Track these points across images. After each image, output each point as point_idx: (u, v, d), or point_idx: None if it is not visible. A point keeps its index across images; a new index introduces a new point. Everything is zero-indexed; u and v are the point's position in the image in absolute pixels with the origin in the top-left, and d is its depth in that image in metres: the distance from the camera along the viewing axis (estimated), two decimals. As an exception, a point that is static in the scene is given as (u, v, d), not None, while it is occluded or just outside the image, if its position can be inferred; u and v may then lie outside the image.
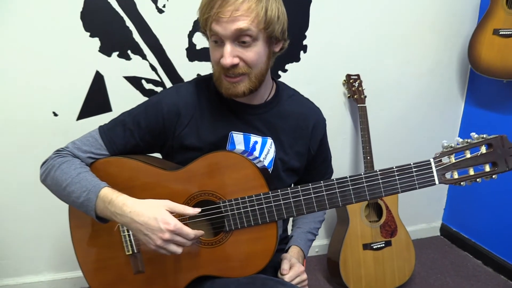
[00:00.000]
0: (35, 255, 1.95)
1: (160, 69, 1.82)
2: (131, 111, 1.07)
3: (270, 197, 0.95)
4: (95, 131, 1.06)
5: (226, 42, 0.91)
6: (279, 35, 0.97)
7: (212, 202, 0.98)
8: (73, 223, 1.07)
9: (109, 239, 1.03)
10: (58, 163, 1.00)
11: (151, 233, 0.88)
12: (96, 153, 1.03)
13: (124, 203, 0.91)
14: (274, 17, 0.92)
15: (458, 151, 0.90)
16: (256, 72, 0.97)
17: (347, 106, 2.15)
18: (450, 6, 2.12)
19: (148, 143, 1.05)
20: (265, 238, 0.98)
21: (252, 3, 0.88)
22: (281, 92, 1.12)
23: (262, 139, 1.07)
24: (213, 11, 0.89)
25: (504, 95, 2.08)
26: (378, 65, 2.11)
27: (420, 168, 0.90)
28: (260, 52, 0.94)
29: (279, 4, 0.95)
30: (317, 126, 1.14)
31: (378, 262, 1.95)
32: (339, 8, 1.96)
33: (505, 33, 1.86)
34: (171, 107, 1.03)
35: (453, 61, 2.24)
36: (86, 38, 1.69)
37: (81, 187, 0.95)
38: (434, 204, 2.54)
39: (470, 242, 2.35)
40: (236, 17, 0.88)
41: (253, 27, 0.90)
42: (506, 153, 0.89)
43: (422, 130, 2.31)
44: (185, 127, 1.03)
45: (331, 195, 0.94)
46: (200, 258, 1.00)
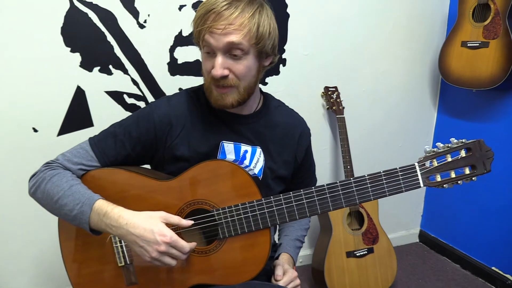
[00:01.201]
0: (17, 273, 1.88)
1: (142, 83, 1.83)
2: (122, 122, 1.07)
3: (263, 203, 0.97)
4: (85, 142, 1.05)
5: (217, 54, 0.94)
6: (269, 51, 1.00)
7: (205, 211, 0.99)
8: (63, 236, 1.05)
9: (101, 251, 1.02)
10: (49, 176, 0.98)
11: (147, 245, 0.88)
12: (87, 164, 1.02)
13: (120, 215, 0.91)
14: (265, 33, 0.96)
15: (440, 155, 0.95)
16: (245, 84, 0.99)
17: (326, 118, 2.21)
18: (420, 19, 2.22)
19: (139, 154, 1.06)
20: (259, 244, 1.00)
21: (245, 18, 0.92)
22: (269, 103, 1.15)
23: (252, 148, 1.09)
24: (207, 24, 0.92)
25: (474, 104, 2.18)
26: (354, 77, 2.18)
27: (406, 172, 0.95)
28: (249, 65, 0.98)
29: (271, 20, 0.99)
30: (303, 136, 1.18)
31: (362, 269, 1.98)
32: (316, 23, 2.02)
33: (472, 45, 1.97)
34: (162, 118, 1.04)
35: (425, 72, 2.34)
36: (67, 53, 1.68)
37: (74, 200, 0.94)
38: (412, 211, 2.61)
39: (448, 247, 2.42)
40: (229, 31, 0.91)
41: (245, 42, 0.93)
42: (484, 156, 0.96)
43: (398, 138, 2.38)
44: (176, 137, 1.04)
45: (322, 200, 0.97)
46: (194, 267, 1.01)
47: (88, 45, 1.71)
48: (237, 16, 0.91)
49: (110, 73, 1.77)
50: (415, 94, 2.36)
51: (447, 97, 2.37)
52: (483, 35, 1.92)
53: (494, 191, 2.10)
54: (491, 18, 1.88)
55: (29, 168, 1.05)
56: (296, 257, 1.22)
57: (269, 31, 0.97)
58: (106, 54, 1.74)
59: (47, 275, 1.90)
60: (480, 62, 1.94)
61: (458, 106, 2.30)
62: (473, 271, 2.25)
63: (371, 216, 2.02)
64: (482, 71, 1.94)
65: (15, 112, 1.69)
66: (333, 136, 2.24)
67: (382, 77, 2.24)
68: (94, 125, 1.80)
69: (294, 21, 1.98)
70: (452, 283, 2.18)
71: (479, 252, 2.24)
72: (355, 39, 2.13)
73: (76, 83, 1.74)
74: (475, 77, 1.98)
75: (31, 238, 1.83)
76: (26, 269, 1.88)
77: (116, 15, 1.71)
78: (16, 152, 1.72)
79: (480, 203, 2.19)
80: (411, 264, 2.38)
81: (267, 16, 0.97)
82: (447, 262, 2.39)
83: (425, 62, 2.32)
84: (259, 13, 0.95)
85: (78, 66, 1.72)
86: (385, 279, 2.02)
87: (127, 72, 1.79)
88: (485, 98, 2.11)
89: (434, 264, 2.38)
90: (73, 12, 1.65)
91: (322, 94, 2.12)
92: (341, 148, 2.03)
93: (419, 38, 2.25)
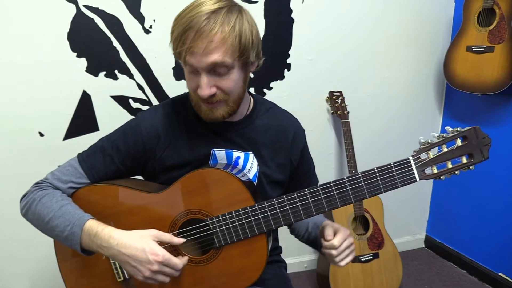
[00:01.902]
0: (16, 277, 1.89)
1: (147, 88, 1.84)
2: (110, 136, 1.05)
3: (257, 209, 0.95)
4: (73, 159, 1.03)
5: (202, 73, 0.90)
6: (253, 59, 0.96)
7: (199, 220, 0.98)
8: (60, 256, 1.05)
9: (99, 268, 1.02)
10: (39, 197, 0.97)
11: (139, 265, 0.87)
12: (77, 182, 1.01)
13: (110, 235, 0.89)
14: (248, 43, 0.91)
15: (435, 146, 0.91)
16: (234, 97, 0.97)
17: (331, 122, 2.21)
18: (425, 24, 2.22)
19: (129, 167, 1.04)
20: (256, 250, 0.98)
21: (225, 33, 0.87)
22: (259, 107, 1.12)
23: (244, 154, 1.07)
24: (187, 45, 0.87)
25: (479, 108, 2.17)
26: (359, 82, 2.18)
27: (400, 166, 0.92)
28: (236, 79, 0.94)
29: (252, 26, 0.93)
30: (297, 137, 1.14)
31: (367, 274, 1.97)
32: (321, 28, 2.03)
33: (477, 49, 1.96)
34: (150, 130, 1.02)
35: (430, 77, 2.33)
36: (73, 58, 1.70)
37: (65, 221, 0.92)
38: (418, 216, 2.59)
39: (454, 252, 2.40)
40: (211, 50, 0.86)
41: (228, 58, 0.88)
42: (481, 144, 0.91)
43: (403, 143, 2.37)
44: (165, 148, 1.03)
45: (316, 201, 0.94)
46: (192, 277, 1.00)
47: (94, 50, 1.73)
48: (217, 31, 0.86)
49: (115, 78, 1.78)
50: (420, 99, 2.35)
51: (452, 102, 2.36)
52: (488, 39, 1.92)
53: (500, 196, 2.08)
54: (496, 22, 1.88)
55: (35, 172, 1.06)
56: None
57: (252, 39, 0.92)
58: (112, 59, 1.76)
59: (48, 277, 1.90)
60: (486, 66, 1.94)
61: (463, 110, 2.29)
62: (479, 277, 2.23)
63: (376, 221, 2.01)
64: (487, 75, 1.93)
65: (21, 117, 1.71)
66: (338, 141, 2.24)
67: (387, 81, 2.24)
68: (99, 129, 1.81)
69: (298, 26, 1.99)
70: (459, 289, 2.16)
71: (485, 258, 2.22)
72: (360, 43, 2.13)
73: (82, 87, 1.75)
74: (481, 81, 1.97)
75: (34, 240, 1.82)
76: (28, 271, 1.90)
77: (122, 21, 1.73)
78: (22, 155, 1.74)
79: (486, 208, 2.17)
80: (416, 269, 2.36)
81: (247, 23, 0.91)
82: (453, 268, 2.37)
83: (430, 67, 2.31)
84: (239, 22, 0.89)
85: (84, 71, 1.73)
86: (390, 284, 2.01)
87: (133, 77, 1.80)
88: (490, 103, 2.10)
89: (440, 269, 2.36)
90: (80, 17, 1.67)
91: (327, 98, 2.12)
92: (346, 153, 2.02)
93: (424, 42, 2.25)
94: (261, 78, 2.00)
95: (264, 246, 0.98)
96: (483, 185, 2.17)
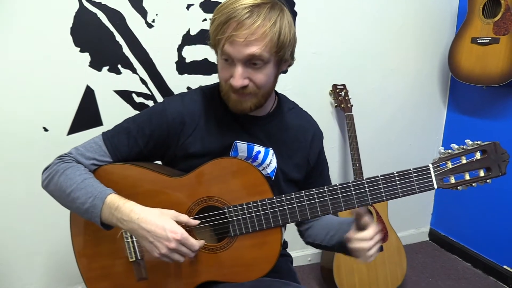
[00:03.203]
0: (27, 272, 1.91)
1: (150, 82, 1.84)
2: (136, 118, 1.06)
3: (275, 202, 0.97)
4: (98, 137, 1.05)
5: (237, 64, 0.92)
6: (288, 57, 0.99)
7: (217, 208, 0.99)
8: (74, 231, 1.05)
9: (112, 246, 1.03)
10: (62, 169, 0.98)
11: (157, 241, 0.88)
12: (100, 159, 1.02)
13: (131, 209, 0.91)
14: (286, 41, 0.93)
15: (455, 157, 0.93)
16: (264, 91, 0.99)
17: (334, 116, 2.20)
18: (429, 16, 2.21)
19: (151, 150, 1.05)
20: (270, 243, 1.00)
21: (266, 27, 0.89)
22: (283, 105, 1.14)
23: (265, 149, 1.08)
24: (228, 33, 0.89)
25: (484, 100, 2.16)
26: (363, 75, 2.17)
27: (420, 173, 0.93)
28: (269, 73, 0.96)
29: (291, 25, 0.95)
30: (315, 139, 1.15)
31: (371, 267, 1.97)
32: (324, 21, 2.02)
33: (482, 41, 1.95)
34: (175, 116, 1.03)
35: (434, 69, 2.32)
36: (76, 53, 1.70)
37: (87, 193, 0.94)
38: (422, 209, 2.59)
39: (459, 245, 2.40)
40: (251, 42, 0.89)
41: (265, 53, 0.90)
42: (499, 159, 0.93)
43: (407, 136, 2.37)
44: (189, 136, 1.04)
45: (334, 200, 0.96)
46: (204, 264, 1.01)
47: (97, 45, 1.73)
48: (259, 25, 0.88)
49: (119, 72, 1.78)
50: (425, 92, 2.34)
51: (457, 94, 2.35)
52: (493, 31, 1.90)
53: (504, 188, 2.07)
54: (502, 14, 1.86)
55: (39, 167, 1.05)
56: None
57: (290, 38, 0.94)
58: (115, 54, 1.76)
59: (58, 272, 1.92)
60: (491, 58, 1.92)
61: (468, 103, 2.28)
62: (484, 269, 2.23)
63: (380, 214, 2.01)
64: (492, 67, 1.92)
65: (25, 112, 1.71)
66: (342, 134, 2.23)
67: (391, 74, 2.23)
68: (103, 124, 1.81)
69: (302, 19, 1.97)
70: (463, 281, 2.16)
71: (490, 251, 2.22)
72: (363, 36, 2.12)
73: (86, 82, 1.76)
74: (485, 73, 1.96)
75: (43, 235, 1.86)
76: (38, 266, 1.91)
77: (124, 15, 1.73)
78: (27, 151, 1.75)
79: (491, 201, 2.17)
80: (421, 262, 2.36)
81: (287, 22, 0.94)
82: (458, 261, 2.37)
83: (435, 59, 2.30)
84: (280, 20, 0.91)
85: (87, 65, 1.73)
86: (394, 277, 2.01)
87: (136, 71, 1.80)
88: (495, 95, 2.08)
89: (445, 262, 2.36)
90: (82, 12, 1.67)
91: (330, 92, 2.12)
92: (349, 146, 2.02)
93: (428, 35, 2.24)
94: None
95: (278, 239, 1.00)
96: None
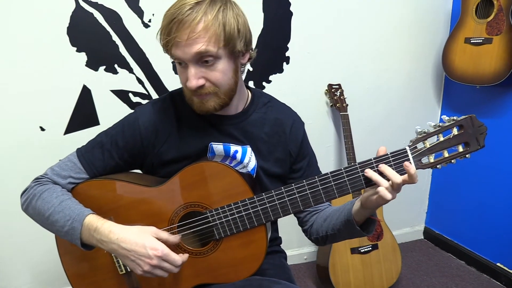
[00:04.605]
0: (23, 271, 1.91)
1: (146, 82, 1.85)
2: (108, 131, 1.05)
3: (256, 201, 0.96)
4: (72, 154, 1.04)
5: (189, 65, 0.91)
6: (242, 49, 0.95)
7: (199, 213, 0.99)
8: (62, 250, 1.06)
9: (101, 261, 1.04)
10: (39, 192, 0.98)
11: (138, 259, 0.88)
12: (76, 177, 1.02)
13: (110, 230, 0.90)
14: (233, 32, 0.90)
15: (431, 136, 0.91)
16: (225, 89, 0.96)
17: (330, 115, 2.22)
18: (423, 16, 2.23)
19: (127, 161, 1.05)
20: (256, 242, 1.00)
21: (208, 22, 0.87)
22: (257, 100, 1.11)
23: (242, 148, 1.07)
24: (171, 35, 0.88)
25: (478, 100, 2.18)
26: (358, 74, 2.19)
27: (397, 156, 0.91)
28: (224, 69, 0.93)
29: (238, 16, 0.92)
30: (295, 129, 1.13)
31: (366, 265, 1.99)
32: (319, 20, 2.04)
33: (476, 41, 1.97)
34: (148, 125, 1.02)
35: (429, 69, 2.34)
36: (73, 53, 1.71)
37: (65, 216, 0.93)
38: (417, 208, 2.61)
39: (453, 243, 2.42)
40: (194, 40, 0.87)
41: (212, 48, 0.88)
42: (477, 132, 0.92)
43: (402, 135, 2.38)
44: (163, 143, 1.03)
45: (314, 192, 0.95)
46: (193, 269, 1.02)
47: (93, 45, 1.73)
48: (199, 21, 0.86)
49: (115, 72, 1.79)
50: (419, 91, 2.36)
51: (451, 94, 2.37)
52: (486, 31, 1.92)
53: (498, 187, 2.10)
54: (494, 14, 1.88)
55: (36, 166, 1.07)
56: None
57: (238, 29, 0.91)
58: (112, 53, 1.76)
59: (54, 272, 1.92)
60: (484, 58, 1.94)
61: (462, 102, 2.30)
62: (478, 267, 2.25)
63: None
64: (485, 67, 1.94)
65: (22, 111, 1.72)
66: (337, 133, 2.25)
67: (385, 74, 2.25)
68: (100, 123, 1.82)
69: (297, 19, 1.99)
70: (457, 279, 2.18)
71: (484, 249, 2.24)
72: (358, 36, 2.13)
73: (82, 82, 1.76)
74: (479, 73, 1.98)
75: (39, 235, 1.83)
76: (34, 265, 1.91)
77: (121, 15, 1.73)
78: (24, 150, 1.75)
79: (485, 200, 2.19)
80: (415, 260, 2.38)
81: (232, 12, 0.91)
82: (452, 259, 2.39)
83: (429, 59, 2.32)
84: (223, 11, 0.89)
85: (84, 65, 1.74)
86: (389, 275, 2.03)
87: (132, 71, 1.81)
88: (489, 94, 2.10)
89: (439, 260, 2.38)
90: (79, 12, 1.68)
91: (326, 91, 2.13)
92: (345, 145, 2.03)
93: (422, 34, 2.26)
94: (260, 72, 2.01)
95: (264, 237, 1.00)
96: (482, 177, 2.19)
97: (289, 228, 1.26)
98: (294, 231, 1.26)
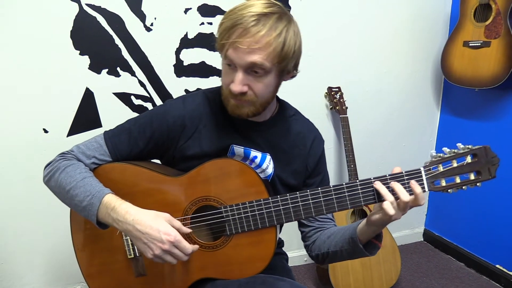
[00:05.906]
0: (27, 271, 1.93)
1: (148, 85, 1.87)
2: (137, 119, 1.08)
3: (270, 202, 0.99)
4: (100, 136, 1.07)
5: (239, 70, 0.93)
6: (291, 69, 0.99)
7: (213, 207, 1.02)
8: (74, 227, 1.08)
9: (111, 243, 1.05)
10: (63, 166, 1.01)
11: (151, 242, 0.90)
12: (100, 158, 1.04)
13: (127, 211, 0.93)
14: (289, 52, 0.93)
15: (446, 161, 0.95)
16: (263, 101, 0.99)
17: (330, 118, 2.23)
18: (423, 21, 2.25)
19: (150, 151, 1.08)
20: (265, 242, 1.02)
21: (271, 37, 0.89)
22: (284, 111, 1.14)
23: (262, 154, 1.09)
24: (232, 38, 0.90)
25: (477, 103, 2.19)
26: (357, 77, 2.21)
27: (412, 176, 0.94)
28: (269, 84, 0.97)
29: (297, 37, 0.96)
30: (315, 145, 1.15)
31: (366, 267, 2.00)
32: (319, 24, 2.06)
33: (474, 44, 1.99)
34: (176, 119, 1.05)
35: (428, 72, 2.36)
36: (76, 56, 1.73)
37: (85, 192, 0.96)
38: (416, 210, 2.61)
39: (452, 245, 2.43)
40: (254, 50, 0.89)
41: (267, 62, 0.91)
42: (489, 163, 0.96)
43: (401, 138, 2.40)
44: (188, 138, 1.06)
45: (328, 201, 0.97)
46: (201, 261, 1.03)
47: (96, 48, 1.76)
48: (264, 35, 0.88)
49: (118, 75, 1.81)
50: (418, 94, 2.38)
51: (450, 97, 2.39)
52: (484, 34, 1.94)
53: (497, 189, 2.11)
54: (493, 18, 1.90)
55: (39, 168, 1.08)
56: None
57: (294, 50, 0.94)
58: (114, 57, 1.79)
59: (58, 272, 1.94)
60: (482, 61, 1.96)
61: (461, 105, 2.32)
62: (477, 269, 2.26)
63: (375, 215, 2.03)
64: (484, 70, 1.96)
65: (26, 113, 1.74)
66: (337, 136, 2.27)
67: (385, 77, 2.27)
68: (102, 125, 1.84)
69: (297, 21, 2.00)
70: (457, 281, 2.19)
71: (483, 251, 2.25)
72: (358, 39, 2.15)
73: (85, 85, 1.78)
74: (477, 76, 2.00)
75: (43, 235, 1.88)
76: (38, 265, 1.93)
77: (123, 19, 1.76)
78: (27, 151, 1.77)
79: (484, 202, 2.20)
80: (415, 262, 2.39)
81: (293, 34, 0.94)
82: (451, 261, 2.40)
83: (428, 62, 2.34)
84: (286, 31, 0.92)
85: (87, 68, 1.76)
86: (389, 277, 2.04)
87: (135, 74, 1.83)
88: (487, 97, 2.12)
89: (439, 262, 2.39)
90: (82, 16, 1.70)
91: (326, 94, 2.15)
92: (344, 148, 2.05)
93: (421, 38, 2.28)
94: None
95: (273, 238, 1.01)
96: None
97: (290, 230, 1.27)
98: (295, 233, 1.27)
